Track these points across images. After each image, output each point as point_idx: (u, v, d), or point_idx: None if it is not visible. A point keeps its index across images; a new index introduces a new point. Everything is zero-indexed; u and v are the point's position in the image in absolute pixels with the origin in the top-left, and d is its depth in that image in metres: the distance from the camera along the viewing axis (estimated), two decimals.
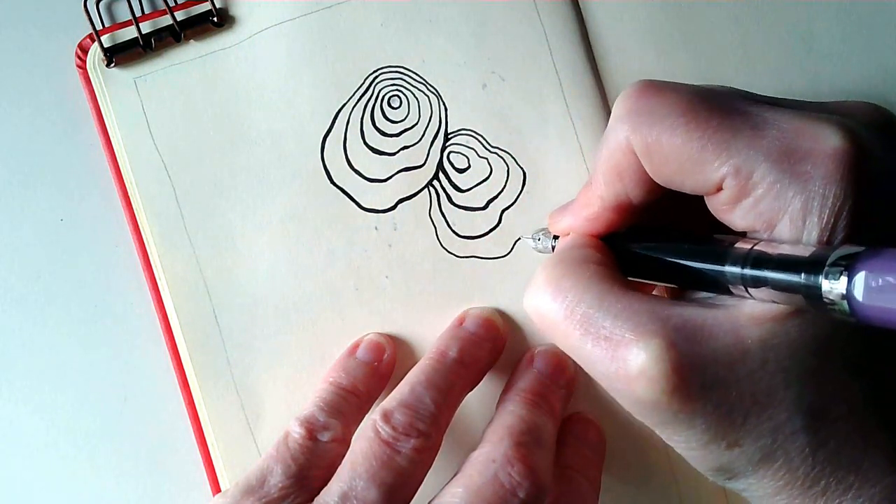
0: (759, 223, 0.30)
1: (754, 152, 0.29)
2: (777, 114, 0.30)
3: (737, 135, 0.30)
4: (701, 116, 0.30)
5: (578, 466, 0.39)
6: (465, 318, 0.40)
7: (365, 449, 0.35)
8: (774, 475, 0.30)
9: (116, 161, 0.41)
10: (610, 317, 0.31)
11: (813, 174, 0.29)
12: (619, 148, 0.32)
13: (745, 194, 0.30)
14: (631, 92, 0.32)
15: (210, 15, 0.41)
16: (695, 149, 0.30)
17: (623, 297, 0.31)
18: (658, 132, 0.31)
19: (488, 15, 0.41)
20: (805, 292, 0.27)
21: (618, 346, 0.30)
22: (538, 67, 0.41)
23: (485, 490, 0.33)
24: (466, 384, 0.39)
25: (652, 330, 0.30)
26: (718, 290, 0.31)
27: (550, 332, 0.33)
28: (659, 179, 0.32)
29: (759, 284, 0.29)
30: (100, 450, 0.42)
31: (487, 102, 0.41)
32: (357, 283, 0.41)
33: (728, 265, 0.30)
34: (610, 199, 0.34)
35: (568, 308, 0.32)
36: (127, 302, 0.42)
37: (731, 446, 0.30)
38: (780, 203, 0.29)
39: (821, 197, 0.29)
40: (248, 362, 0.41)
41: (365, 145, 0.42)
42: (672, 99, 0.31)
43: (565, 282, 0.33)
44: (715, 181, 0.30)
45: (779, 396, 0.29)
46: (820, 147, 0.29)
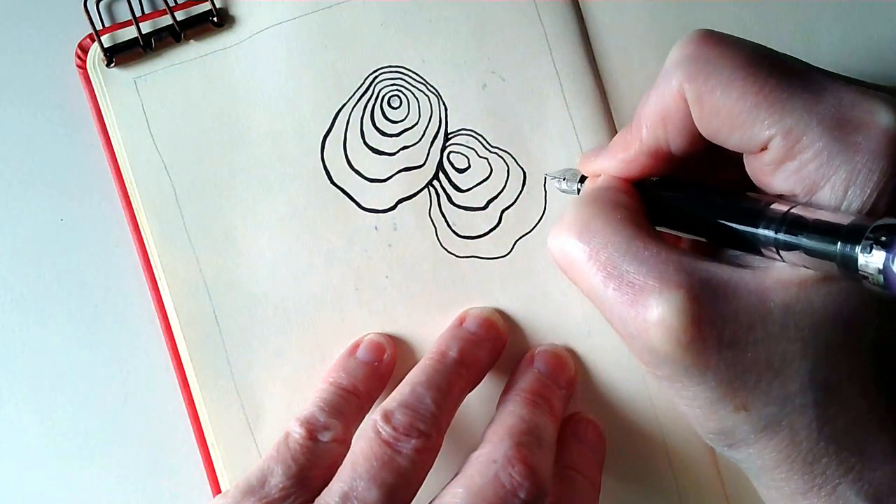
0: (800, 187, 0.30)
1: (808, 116, 0.29)
2: (837, 82, 0.30)
3: (793, 96, 0.29)
4: (760, 73, 0.30)
5: (579, 466, 0.39)
6: (466, 318, 0.40)
7: (366, 449, 0.35)
8: (777, 446, 0.30)
9: (116, 161, 0.41)
10: (636, 263, 0.30)
11: (863, 146, 0.29)
12: (671, 94, 0.32)
13: (791, 157, 0.30)
14: (691, 39, 0.32)
15: (210, 15, 0.41)
16: (749, 104, 0.30)
17: (651, 245, 0.31)
18: (714, 83, 0.30)
19: (488, 15, 0.41)
20: (840, 260, 0.27)
21: (639, 292, 0.30)
22: (538, 67, 0.41)
23: (485, 490, 0.33)
24: (467, 384, 0.39)
25: (676, 280, 0.30)
26: (748, 249, 0.31)
27: (573, 272, 0.33)
28: (705, 132, 0.32)
29: (791, 248, 0.29)
30: (100, 450, 0.42)
31: (487, 102, 0.41)
32: (357, 283, 0.41)
33: (762, 225, 0.30)
34: (649, 144, 0.33)
35: (593, 249, 0.32)
36: (127, 302, 0.42)
37: (737, 409, 0.30)
38: (825, 170, 0.29)
39: (867, 170, 0.28)
40: (248, 362, 0.41)
41: (365, 145, 0.42)
42: (733, 52, 0.31)
43: (594, 223, 0.32)
44: (762, 140, 0.30)
45: (794, 366, 0.29)
46: (874, 121, 0.29)
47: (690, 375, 0.30)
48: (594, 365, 0.41)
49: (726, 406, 0.30)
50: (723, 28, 0.42)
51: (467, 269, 0.41)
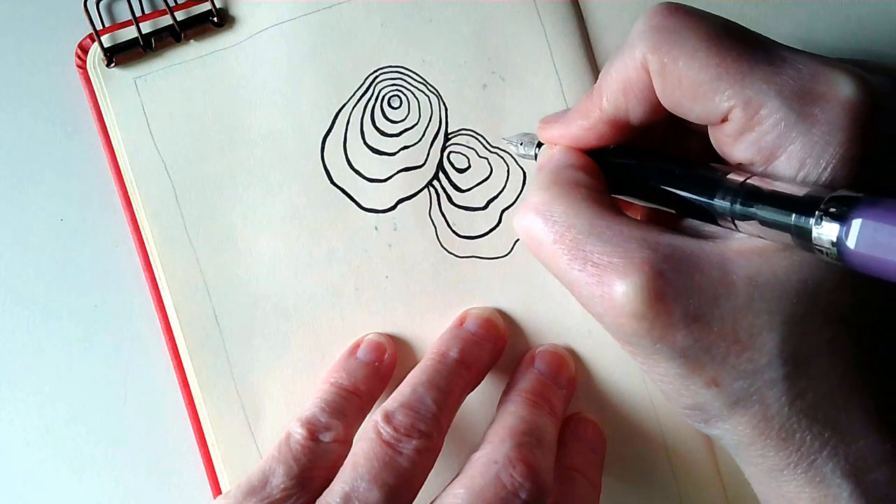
0: (759, 157, 0.30)
1: (767, 87, 0.29)
2: (797, 55, 0.30)
3: (754, 68, 0.30)
4: (723, 45, 0.30)
5: (579, 467, 0.39)
6: (466, 319, 0.40)
7: (367, 450, 0.35)
8: (749, 422, 0.30)
9: (116, 161, 0.41)
10: (600, 242, 0.31)
11: (820, 118, 0.29)
12: (633, 63, 0.32)
13: (751, 128, 0.30)
14: (656, 11, 0.32)
15: (210, 15, 0.41)
16: (710, 75, 0.30)
17: (613, 222, 0.31)
18: (677, 53, 0.30)
19: (488, 15, 0.41)
20: (795, 231, 0.27)
21: (604, 271, 0.30)
22: (538, 67, 0.41)
23: (486, 491, 0.33)
24: (467, 385, 0.39)
25: (640, 258, 0.30)
26: (705, 218, 0.31)
27: (539, 254, 0.33)
28: (667, 103, 0.32)
29: (747, 218, 0.29)
30: (100, 450, 0.42)
31: (487, 102, 0.41)
32: (357, 283, 0.41)
33: (719, 195, 0.30)
34: (609, 112, 0.33)
35: (558, 232, 0.32)
36: (127, 302, 0.42)
37: (708, 384, 0.30)
38: (782, 140, 0.29)
39: (823, 142, 0.29)
40: (248, 362, 0.41)
41: (365, 145, 0.42)
42: (697, 24, 0.31)
43: (556, 206, 0.32)
44: (723, 111, 0.30)
45: (761, 339, 0.29)
46: (833, 93, 0.29)
47: (659, 351, 0.30)
48: (594, 365, 0.41)
49: (696, 381, 0.30)
50: None
51: (467, 269, 0.41)
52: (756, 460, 0.31)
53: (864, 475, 0.30)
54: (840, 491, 0.30)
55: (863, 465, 0.30)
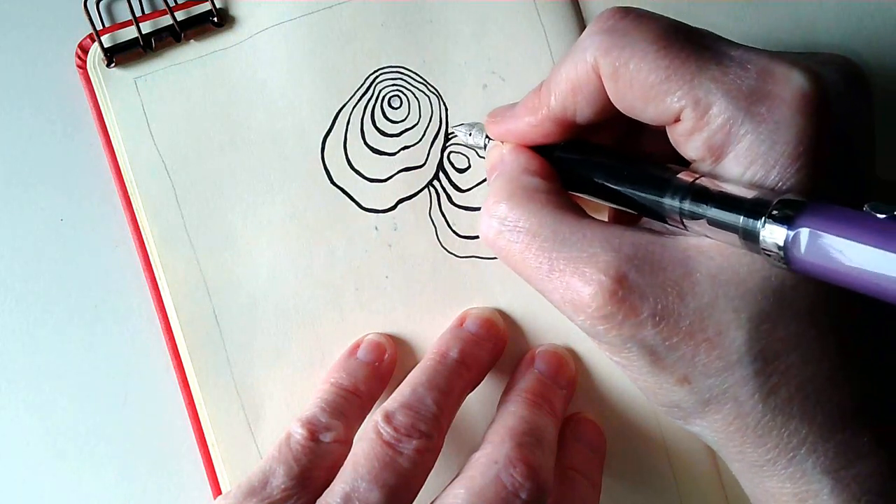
0: (709, 155, 0.30)
1: (715, 86, 0.30)
2: (747, 54, 0.30)
3: (702, 68, 0.30)
4: (673, 46, 0.30)
5: (579, 467, 0.39)
6: (466, 319, 0.40)
7: (367, 450, 0.35)
8: (724, 419, 0.30)
9: (116, 161, 0.41)
10: (564, 248, 0.31)
11: (767, 117, 0.29)
12: (584, 66, 0.32)
13: (700, 128, 0.30)
14: (608, 14, 0.32)
15: (210, 15, 0.41)
16: (661, 77, 0.30)
17: (576, 226, 0.32)
18: (629, 55, 0.31)
19: (488, 15, 0.41)
20: (742, 234, 0.27)
21: (572, 275, 0.31)
22: (538, 67, 0.41)
23: (487, 491, 0.33)
24: (467, 385, 0.39)
25: (604, 260, 0.30)
26: (654, 216, 0.32)
27: (508, 263, 0.34)
28: (620, 105, 0.32)
29: (696, 217, 0.29)
30: (100, 450, 0.42)
31: (488, 102, 0.41)
32: (357, 283, 0.41)
33: (668, 194, 0.30)
34: (556, 111, 0.34)
35: (523, 242, 0.32)
36: (127, 302, 0.42)
37: (680, 382, 0.30)
38: (730, 139, 0.29)
39: (770, 141, 0.29)
40: (248, 362, 0.41)
41: (365, 145, 0.42)
42: (646, 26, 0.31)
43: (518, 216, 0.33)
44: (674, 111, 0.30)
45: (729, 336, 0.29)
46: (780, 90, 0.29)
47: (630, 349, 0.31)
48: (594, 365, 0.41)
49: (667, 379, 0.31)
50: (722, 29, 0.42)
51: (467, 269, 0.41)
52: (736, 456, 0.31)
53: (845, 469, 0.30)
54: (821, 487, 0.30)
55: (843, 459, 0.30)
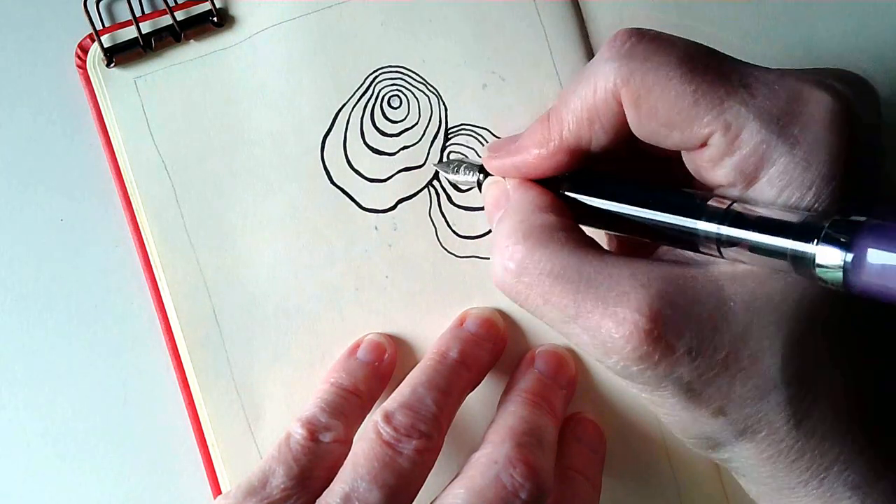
0: (740, 180, 0.30)
1: (746, 110, 0.29)
2: (772, 74, 0.30)
3: (730, 92, 0.29)
4: (697, 69, 0.30)
5: (579, 467, 0.39)
6: (466, 319, 0.40)
7: (367, 450, 0.35)
8: (758, 446, 0.30)
9: (116, 161, 0.41)
10: (592, 288, 0.30)
11: (800, 138, 0.29)
12: (603, 91, 0.31)
13: (731, 153, 0.29)
14: (624, 37, 0.31)
15: (210, 15, 0.41)
16: (688, 102, 0.29)
17: (600, 264, 0.31)
18: (652, 81, 0.30)
19: (488, 15, 0.41)
20: (792, 258, 0.27)
21: (602, 317, 0.30)
22: (538, 67, 0.41)
23: (486, 491, 0.33)
24: (467, 385, 0.39)
25: (636, 298, 0.29)
26: (684, 245, 0.31)
27: (529, 308, 0.32)
28: (640, 131, 0.31)
29: (733, 244, 0.29)
30: (100, 450, 0.42)
31: (487, 102, 0.41)
32: (357, 283, 0.41)
33: (703, 221, 0.29)
34: (570, 141, 0.33)
35: (545, 285, 0.31)
36: (127, 302, 0.42)
37: (715, 414, 0.30)
38: (764, 163, 0.29)
39: (806, 162, 0.28)
40: (248, 362, 0.41)
41: (365, 145, 0.42)
42: (667, 50, 0.30)
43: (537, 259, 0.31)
44: (702, 137, 0.30)
45: (764, 364, 0.29)
46: (812, 111, 0.29)
47: (664, 387, 0.30)
48: (594, 365, 0.41)
49: (703, 413, 0.30)
50: (722, 29, 0.42)
51: (467, 269, 0.41)
52: (766, 481, 0.31)
53: (872, 485, 0.30)
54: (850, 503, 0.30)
55: (871, 474, 0.30)
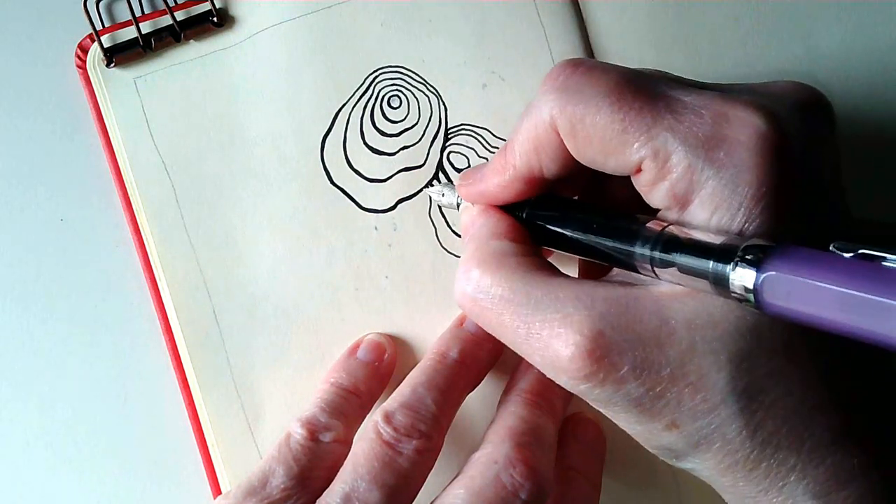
0: (674, 203, 0.30)
1: (672, 136, 0.30)
2: (700, 98, 0.30)
3: (657, 118, 0.30)
4: (626, 97, 0.30)
5: (579, 467, 0.39)
6: (466, 319, 0.40)
7: (366, 450, 0.35)
8: (715, 457, 0.30)
9: (116, 161, 0.41)
10: (539, 310, 0.31)
11: (726, 161, 0.29)
12: (542, 124, 0.32)
13: (662, 177, 0.30)
14: (560, 69, 0.32)
15: (210, 15, 0.41)
16: (617, 130, 0.30)
17: (547, 286, 0.32)
18: (583, 111, 0.31)
19: (488, 15, 0.41)
20: (713, 280, 0.28)
21: (549, 338, 0.31)
22: (538, 67, 0.41)
23: (486, 491, 0.33)
24: (467, 385, 0.39)
25: (578, 319, 0.30)
26: (625, 266, 0.32)
27: (487, 328, 0.34)
28: (581, 158, 0.32)
29: (667, 265, 0.29)
30: (100, 450, 0.42)
31: (487, 102, 0.41)
32: (357, 283, 0.41)
33: (638, 243, 0.30)
34: (523, 170, 0.34)
35: (496, 309, 0.32)
36: (127, 302, 0.42)
37: (669, 427, 0.30)
38: (693, 186, 0.30)
39: (733, 185, 0.29)
40: (248, 362, 0.41)
41: (365, 145, 0.42)
42: (599, 78, 0.31)
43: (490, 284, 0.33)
44: (635, 162, 0.31)
45: (711, 379, 0.29)
46: (736, 133, 0.29)
47: (615, 403, 0.31)
48: None
49: (656, 426, 0.31)
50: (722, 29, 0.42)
51: None
52: (730, 489, 0.31)
53: (836, 493, 0.30)
54: None
55: (833, 483, 0.30)
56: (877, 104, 0.42)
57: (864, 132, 0.42)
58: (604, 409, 0.32)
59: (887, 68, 0.42)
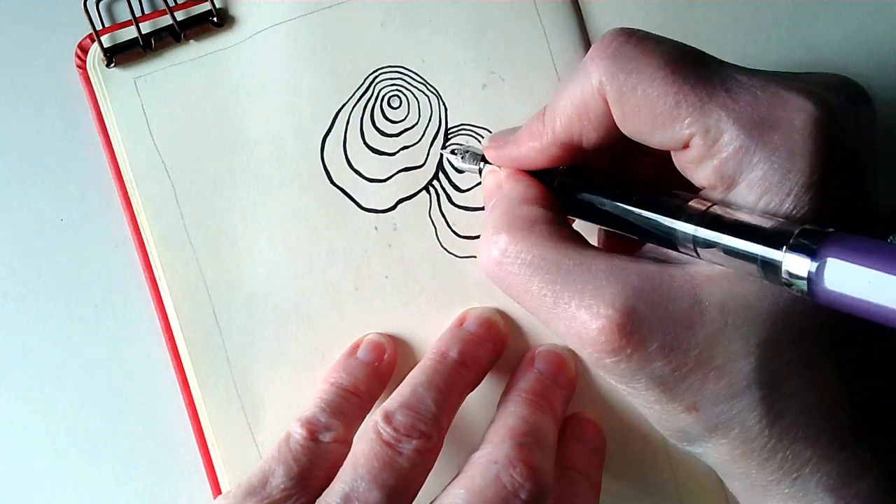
0: (720, 183, 0.30)
1: (726, 114, 0.29)
2: (755, 79, 0.30)
3: (712, 95, 0.30)
4: (680, 71, 0.30)
5: (579, 467, 0.39)
6: (466, 319, 0.40)
7: (367, 450, 0.35)
8: (730, 444, 0.30)
9: (116, 161, 0.41)
10: (569, 282, 0.31)
11: (780, 145, 0.29)
12: (590, 90, 0.32)
13: (711, 156, 0.30)
14: (612, 37, 0.32)
15: (210, 15, 0.41)
16: (670, 103, 0.30)
17: (579, 257, 0.31)
18: (636, 81, 0.30)
19: (488, 15, 0.41)
20: (761, 263, 0.27)
21: (578, 308, 0.30)
22: (538, 67, 0.41)
23: (486, 491, 0.33)
24: (467, 385, 0.39)
25: (611, 293, 0.30)
26: (665, 244, 0.31)
27: (511, 295, 0.33)
28: (626, 129, 0.32)
29: (709, 245, 0.29)
30: (100, 450, 0.42)
31: (487, 102, 0.41)
32: (357, 283, 0.41)
33: (682, 221, 0.30)
34: (562, 136, 0.33)
35: (525, 276, 0.32)
36: (127, 302, 0.42)
37: (688, 409, 0.30)
38: (743, 168, 0.29)
39: (784, 169, 0.29)
40: (248, 362, 0.41)
41: (365, 145, 0.42)
42: (654, 50, 0.31)
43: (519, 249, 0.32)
44: (683, 138, 0.30)
45: (738, 364, 0.29)
46: (792, 118, 0.29)
47: (639, 380, 0.30)
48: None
49: (676, 408, 0.30)
50: (722, 29, 0.42)
51: (467, 269, 0.41)
52: (739, 477, 0.31)
53: (847, 487, 0.30)
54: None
55: (845, 478, 0.30)
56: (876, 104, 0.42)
57: None
58: (624, 386, 0.31)
59: (887, 68, 0.42)
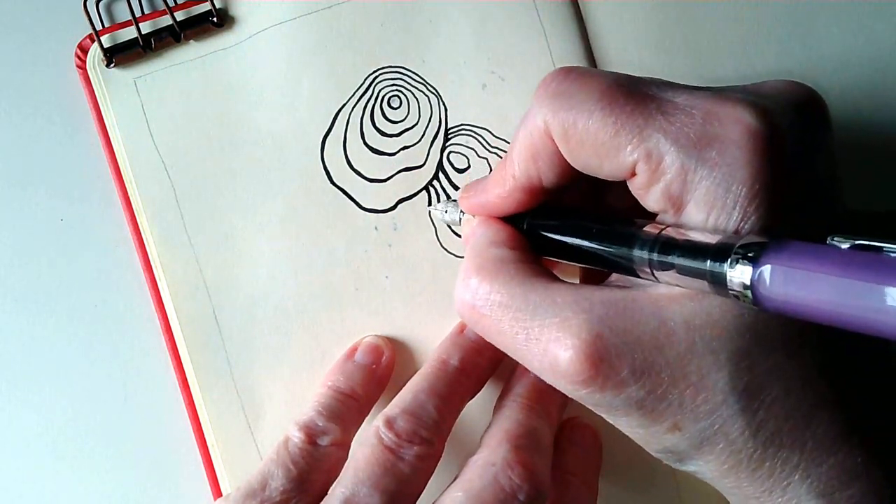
0: (670, 206, 0.30)
1: (664, 137, 0.29)
2: (690, 98, 0.30)
3: (648, 120, 0.30)
4: (617, 101, 0.30)
5: (576, 471, 0.39)
6: (467, 326, 0.40)
7: (368, 455, 0.35)
8: (718, 458, 0.30)
9: (116, 161, 0.41)
10: (538, 315, 0.31)
11: (719, 161, 0.29)
12: (537, 131, 0.32)
13: (656, 180, 0.30)
14: (552, 76, 0.32)
15: (210, 15, 0.41)
16: (609, 133, 0.30)
17: (545, 291, 0.32)
18: (576, 116, 0.31)
19: (488, 15, 0.41)
20: (710, 279, 0.28)
21: (548, 342, 0.31)
22: (538, 67, 0.41)
23: (485, 494, 0.34)
24: (468, 392, 0.39)
25: (576, 323, 0.30)
26: (626, 271, 0.32)
27: (486, 336, 0.34)
28: (576, 164, 0.32)
29: (666, 268, 0.29)
30: (100, 450, 0.42)
31: (487, 102, 0.41)
32: (357, 283, 0.41)
33: (637, 247, 0.30)
34: (522, 180, 0.34)
35: (495, 316, 0.33)
36: (127, 302, 0.42)
37: (671, 429, 0.30)
38: (687, 187, 0.29)
39: (726, 184, 0.29)
40: (248, 362, 0.41)
41: (365, 145, 0.42)
42: (591, 84, 0.31)
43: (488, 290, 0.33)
44: (628, 166, 0.30)
45: (712, 378, 0.29)
46: (727, 132, 0.29)
47: (617, 407, 0.31)
48: None
49: (658, 429, 0.31)
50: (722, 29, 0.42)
51: None
52: (733, 490, 0.31)
53: (840, 492, 0.30)
54: None
55: (837, 482, 0.30)
56: (877, 104, 0.42)
57: (864, 132, 0.42)
58: (606, 415, 0.32)
59: (887, 68, 0.42)
